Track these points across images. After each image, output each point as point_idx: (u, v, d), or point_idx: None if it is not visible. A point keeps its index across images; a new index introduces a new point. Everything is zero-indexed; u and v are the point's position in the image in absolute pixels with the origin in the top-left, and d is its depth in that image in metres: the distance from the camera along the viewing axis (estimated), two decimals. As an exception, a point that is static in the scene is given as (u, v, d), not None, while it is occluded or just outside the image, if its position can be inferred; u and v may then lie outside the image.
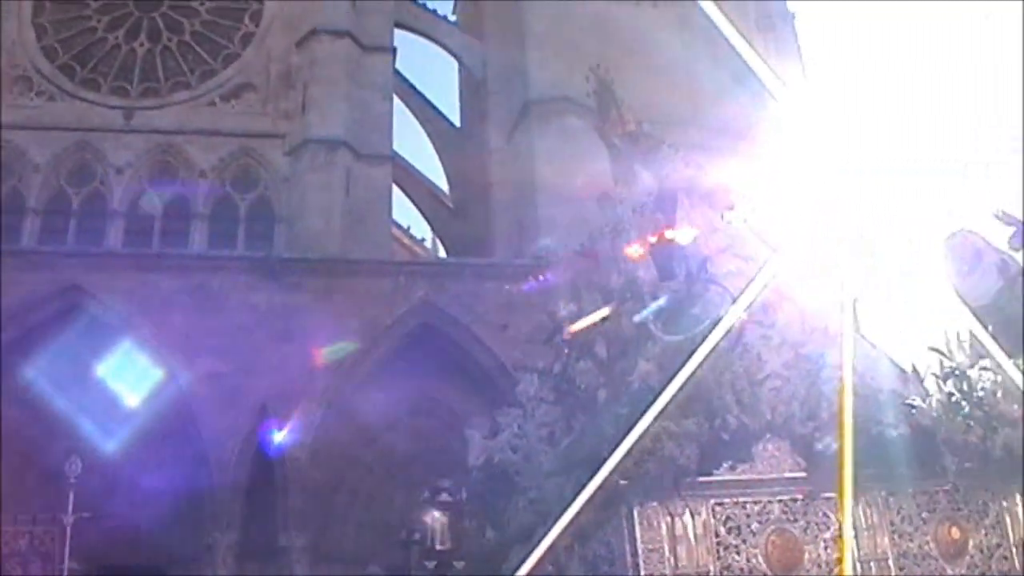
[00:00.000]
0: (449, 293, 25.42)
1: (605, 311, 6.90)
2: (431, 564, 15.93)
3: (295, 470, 23.20)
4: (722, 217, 7.68)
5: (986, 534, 6.83)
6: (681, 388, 5.86)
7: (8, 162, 26.29)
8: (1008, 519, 6.86)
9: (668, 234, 7.56)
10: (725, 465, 6.26)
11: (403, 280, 25.46)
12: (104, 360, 22.32)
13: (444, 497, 16.34)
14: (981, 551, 6.79)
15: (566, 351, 6.75)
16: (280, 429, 21.92)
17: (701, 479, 6.24)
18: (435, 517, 16.08)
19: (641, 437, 5.84)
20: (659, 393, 5.74)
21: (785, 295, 7.32)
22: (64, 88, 27.70)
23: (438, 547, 15.87)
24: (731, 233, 7.64)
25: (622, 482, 6.00)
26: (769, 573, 6.22)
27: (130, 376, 22.64)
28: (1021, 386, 6.86)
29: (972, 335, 8.09)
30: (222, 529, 22.21)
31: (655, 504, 6.09)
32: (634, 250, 7.57)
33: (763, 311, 7.10)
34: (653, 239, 7.58)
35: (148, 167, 27.24)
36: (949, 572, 6.65)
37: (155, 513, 21.18)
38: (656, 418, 5.80)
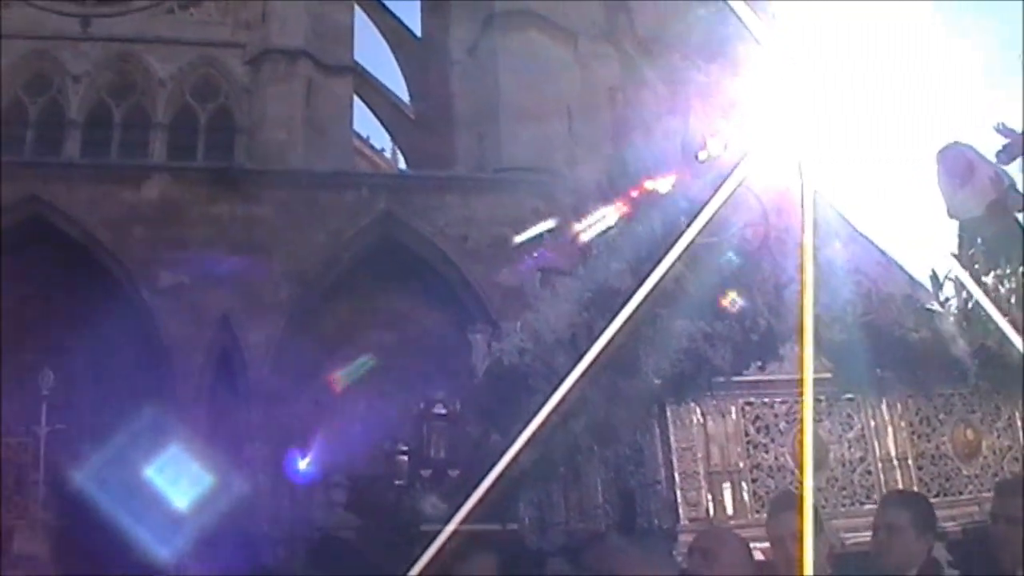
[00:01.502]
0: (411, 205, 25.33)
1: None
2: (427, 472, 16.05)
3: (257, 381, 23.25)
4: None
5: (998, 436, 7.01)
6: (712, 290, 5.93)
7: (-37, 73, 25.45)
8: (1020, 422, 7.05)
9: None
10: (755, 365, 6.34)
11: (366, 192, 25.35)
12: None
13: (439, 409, 16.44)
14: (994, 452, 6.98)
15: (594, 252, 6.74)
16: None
17: (734, 379, 6.32)
18: (430, 427, 16.19)
19: (677, 337, 5.91)
20: (691, 295, 5.79)
21: (796, 202, 7.33)
22: (19, -6, 26.74)
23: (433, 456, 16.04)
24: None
25: (656, 381, 6.06)
26: (796, 471, 6.33)
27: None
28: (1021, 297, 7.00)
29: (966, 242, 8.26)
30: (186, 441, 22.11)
31: (688, 403, 6.17)
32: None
33: (776, 215, 7.11)
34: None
35: (106, 76, 26.55)
36: (964, 472, 6.84)
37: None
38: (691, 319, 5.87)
